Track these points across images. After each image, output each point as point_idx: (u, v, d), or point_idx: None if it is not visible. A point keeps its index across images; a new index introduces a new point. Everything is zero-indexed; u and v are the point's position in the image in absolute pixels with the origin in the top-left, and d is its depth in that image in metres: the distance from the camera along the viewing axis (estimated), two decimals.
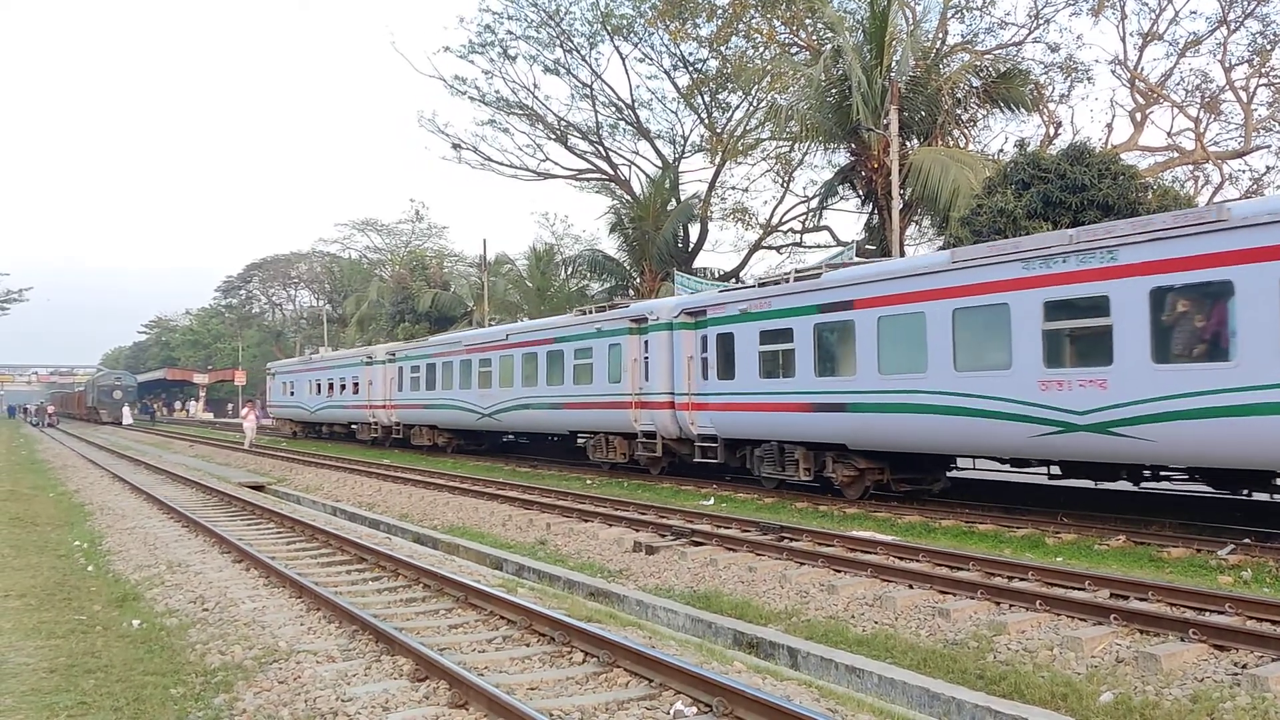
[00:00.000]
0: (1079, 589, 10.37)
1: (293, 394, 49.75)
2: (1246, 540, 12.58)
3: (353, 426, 43.97)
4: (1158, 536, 13.35)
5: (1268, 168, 36.29)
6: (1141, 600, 9.78)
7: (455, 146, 50.73)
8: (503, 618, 9.80)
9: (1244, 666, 7.80)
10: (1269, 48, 34.48)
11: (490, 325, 54.70)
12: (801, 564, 12.57)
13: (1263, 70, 35.07)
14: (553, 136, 49.45)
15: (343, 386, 42.55)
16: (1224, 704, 7.13)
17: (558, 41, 46.62)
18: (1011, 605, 9.99)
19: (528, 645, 8.91)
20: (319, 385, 45.83)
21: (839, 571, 12.04)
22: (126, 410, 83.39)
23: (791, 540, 13.97)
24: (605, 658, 8.12)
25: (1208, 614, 9.16)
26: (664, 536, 14.89)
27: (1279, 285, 11.54)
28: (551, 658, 8.48)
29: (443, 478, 24.86)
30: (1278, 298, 11.57)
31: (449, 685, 7.46)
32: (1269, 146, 36.04)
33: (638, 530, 15.74)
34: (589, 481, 24.02)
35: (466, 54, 47.58)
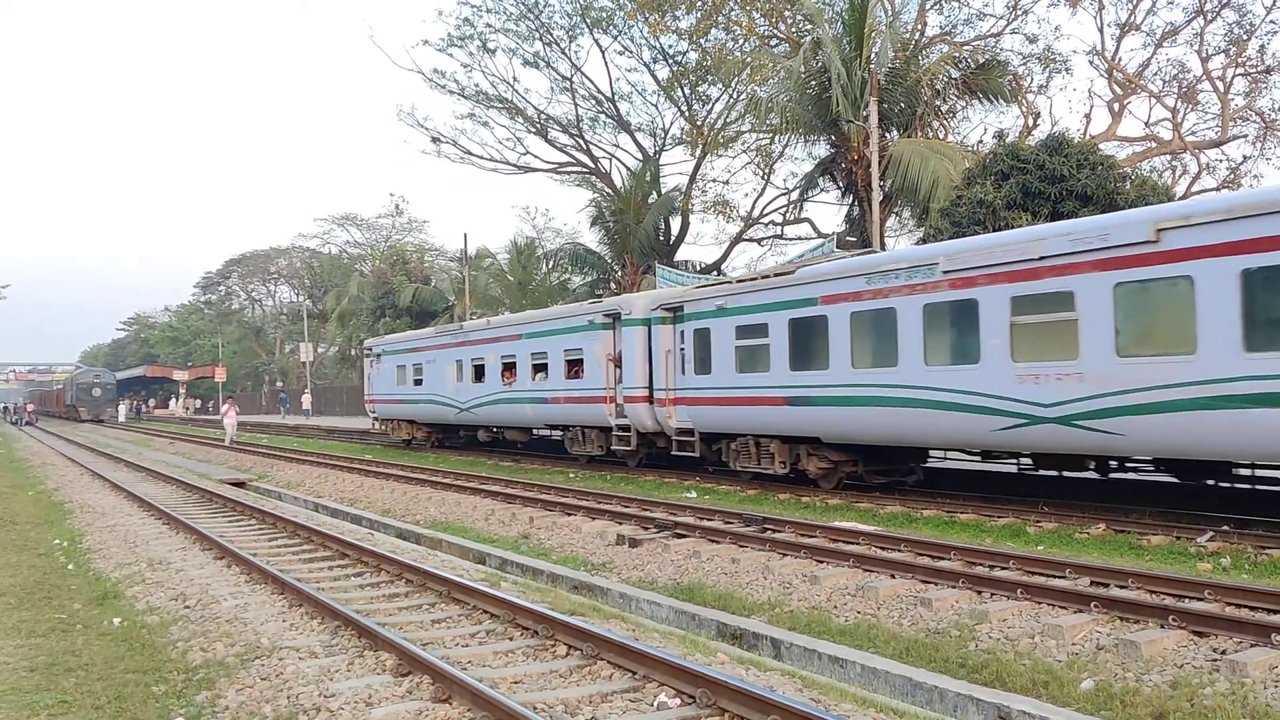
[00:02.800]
0: (1060, 577, 10.43)
1: (419, 382, 33.61)
2: (1225, 527, 12.68)
3: (561, 432, 27.23)
4: (1137, 525, 13.43)
5: (1244, 157, 36.55)
6: (1122, 588, 9.84)
7: (435, 140, 50.59)
8: (486, 612, 9.79)
9: (1223, 652, 7.86)
10: (1245, 38, 34.69)
11: (471, 319, 54.71)
12: (784, 555, 12.59)
13: (1239, 60, 35.28)
14: (533, 130, 49.36)
15: (540, 367, 26.68)
16: (1203, 690, 7.19)
17: (537, 35, 46.52)
18: (993, 594, 10.03)
19: (511, 639, 8.90)
20: (481, 367, 29.76)
21: (821, 562, 12.07)
22: (123, 408, 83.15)
23: (774, 532, 14.00)
24: (589, 651, 8.12)
25: (1187, 601, 9.22)
26: (647, 529, 14.90)
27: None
28: (535, 651, 8.48)
29: (425, 473, 24.80)
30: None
31: (432, 680, 7.44)
32: (1245, 136, 36.31)
33: (621, 523, 15.74)
34: (571, 475, 24.01)
35: (445, 47, 47.44)
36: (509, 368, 28.03)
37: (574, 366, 25.07)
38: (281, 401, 76.66)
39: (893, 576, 11.09)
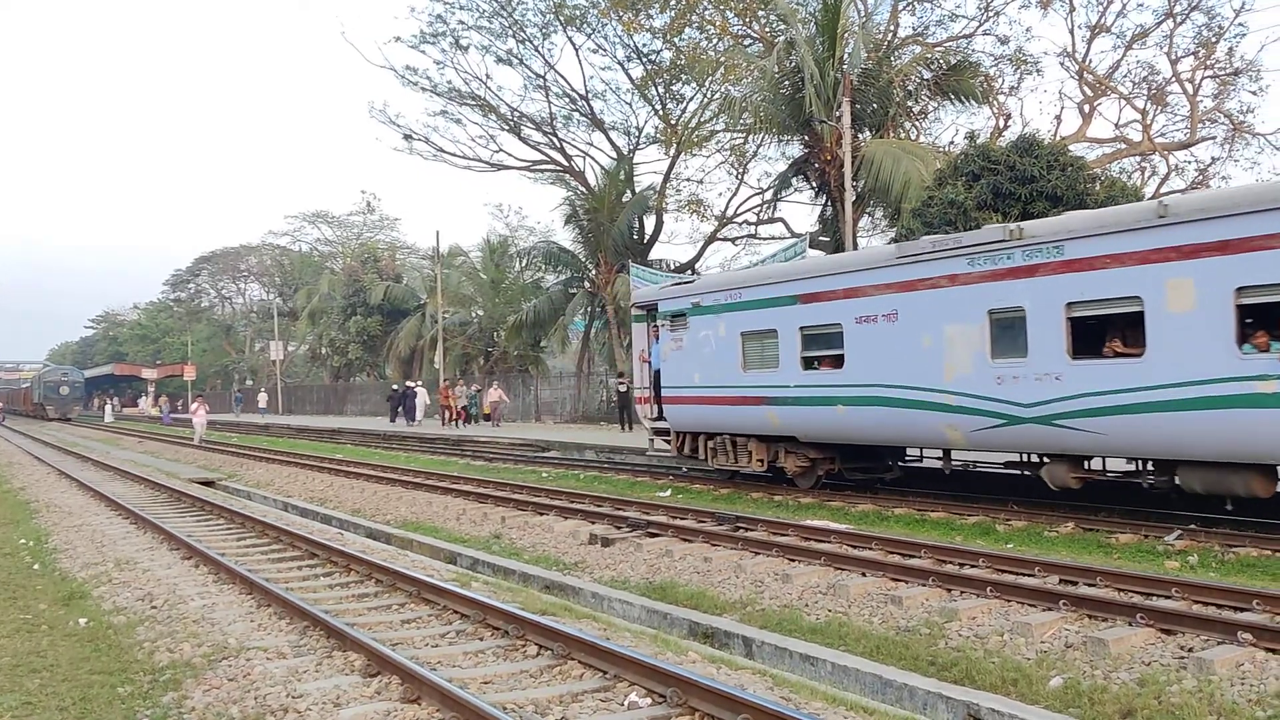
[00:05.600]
0: (1029, 575, 10.49)
1: (827, 362, 17.12)
2: (1192, 526, 12.79)
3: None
4: (1106, 523, 13.53)
5: (1213, 159, 36.85)
6: (1090, 586, 9.91)
7: (407, 137, 50.22)
8: (456, 612, 9.74)
9: (1190, 650, 7.93)
10: (1214, 40, 34.98)
11: (445, 319, 54.47)
12: (756, 554, 12.61)
13: (1208, 63, 35.58)
14: (506, 127, 49.11)
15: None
16: (1170, 687, 7.24)
17: (510, 32, 46.28)
18: (963, 592, 10.08)
19: (481, 639, 8.86)
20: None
21: (793, 560, 12.09)
22: (109, 407, 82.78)
23: (747, 530, 14.02)
24: (559, 650, 8.10)
25: (1155, 599, 9.30)
26: (620, 528, 14.88)
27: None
28: (505, 651, 8.45)
29: (396, 472, 24.69)
30: None
31: (401, 680, 7.40)
32: (1214, 138, 36.61)
33: (593, 522, 15.72)
34: (544, 475, 23.95)
35: (418, 44, 47.13)
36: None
37: None
38: (238, 401, 76.06)
39: (864, 575, 11.12)
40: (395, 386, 54.06)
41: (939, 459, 16.55)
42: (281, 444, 40.03)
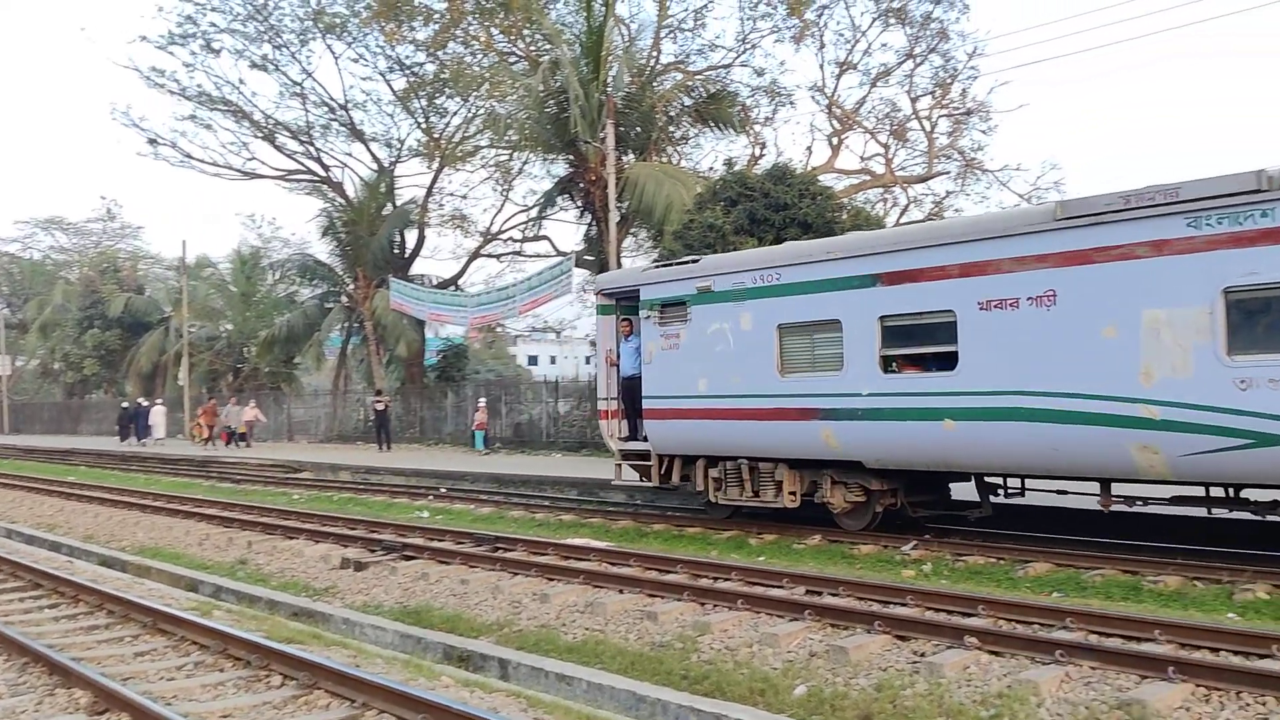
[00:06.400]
0: (778, 587, 10.83)
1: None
2: (927, 536, 13.56)
3: None
4: (850, 535, 14.16)
5: (947, 192, 39.42)
6: (834, 595, 10.32)
7: (152, 142, 47.56)
8: (195, 643, 9.19)
9: (923, 654, 8.36)
10: (949, 81, 37.52)
11: (191, 333, 51.78)
12: (515, 574, 12.52)
13: (944, 102, 38.10)
14: (260, 135, 47.23)
15: None
16: (905, 691, 7.61)
17: (266, 37, 44.62)
18: (716, 605, 10.30)
19: (222, 670, 8.39)
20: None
21: (552, 580, 12.06)
22: None
23: (506, 551, 13.89)
24: (306, 679, 7.76)
25: (892, 606, 9.76)
26: (374, 551, 14.47)
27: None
28: (248, 682, 8.03)
29: (134, 495, 23.19)
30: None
31: (131, 718, 6.91)
32: (948, 173, 39.17)
33: (346, 546, 15.22)
34: (296, 496, 23.08)
35: (165, 45, 44.72)
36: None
37: None
38: None
39: (621, 592, 11.21)
40: (125, 404, 51.00)
41: (1058, 491, 13.22)
42: (5, 466, 36.90)
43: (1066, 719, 6.91)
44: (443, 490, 21.97)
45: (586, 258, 36.20)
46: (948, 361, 12.49)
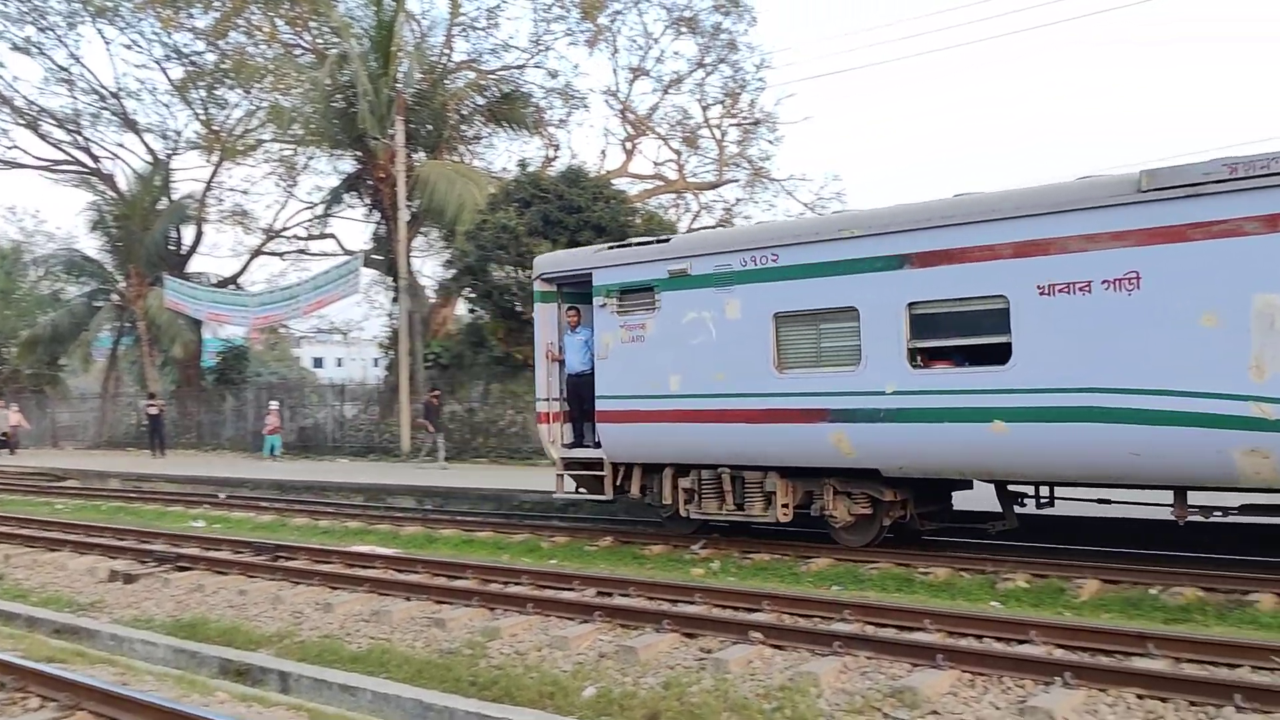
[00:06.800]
0: (568, 589, 10.82)
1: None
2: (715, 535, 13.81)
3: None
4: (642, 535, 14.29)
5: (737, 199, 40.43)
6: (624, 596, 10.37)
7: None
8: None
9: (709, 651, 8.48)
10: (738, 91, 38.50)
11: None
12: (297, 583, 12.06)
13: (733, 111, 39.07)
14: (22, 122, 44.05)
15: None
16: (691, 688, 7.70)
17: (29, 18, 41.67)
18: (505, 610, 10.18)
19: None
20: None
21: (336, 588, 11.68)
22: None
23: (287, 559, 13.38)
24: (67, 700, 7.26)
25: (680, 605, 9.88)
26: (145, 563, 13.66)
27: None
28: (2, 706, 7.42)
29: None
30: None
31: None
32: (738, 180, 40.18)
33: (115, 557, 14.32)
34: (59, 506, 21.60)
35: None
36: None
37: None
38: None
39: (408, 599, 10.95)
40: None
41: (1098, 500, 11.77)
42: None
43: (844, 708, 7.13)
44: (221, 497, 21.00)
45: (375, 257, 35.41)
46: (997, 354, 10.82)
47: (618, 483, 13.97)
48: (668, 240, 13.93)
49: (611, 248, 14.66)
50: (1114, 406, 10.05)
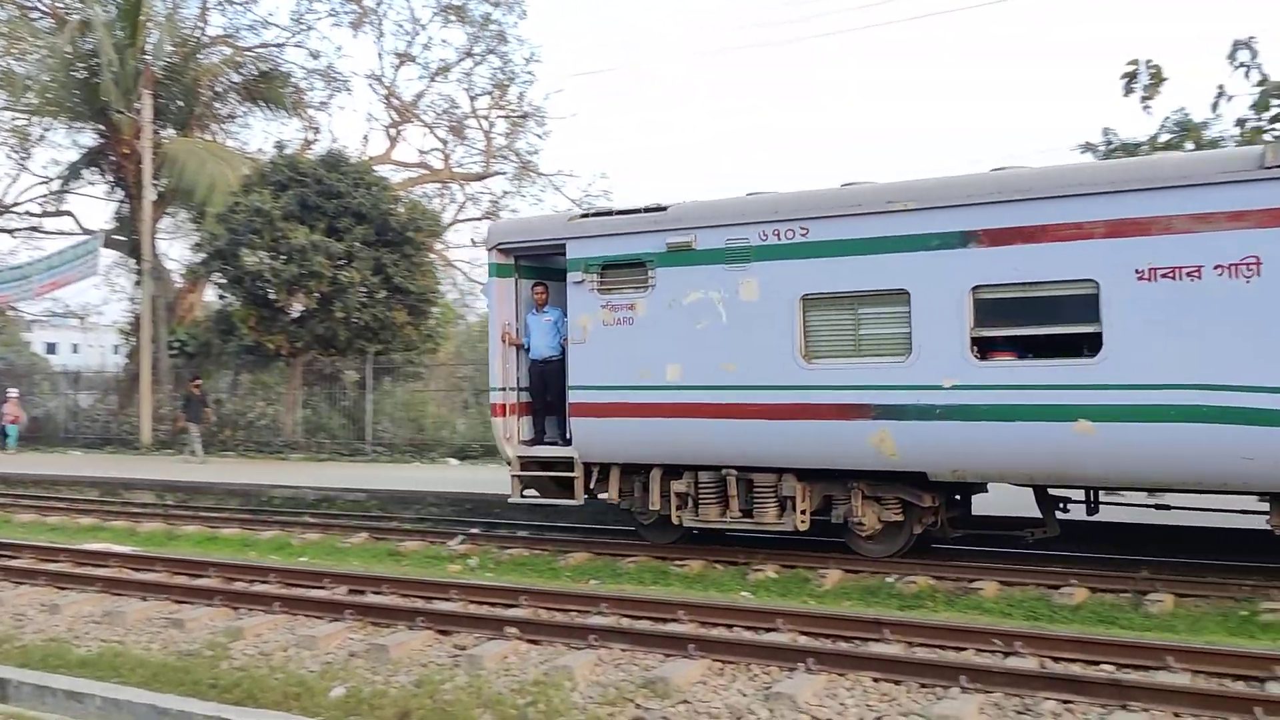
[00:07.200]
0: (319, 588, 10.52)
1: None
2: (475, 530, 13.73)
3: None
4: (397, 532, 14.04)
5: (504, 192, 40.16)
6: (377, 594, 10.18)
7: None
8: None
9: (464, 648, 8.41)
10: (507, 83, 38.27)
11: None
12: (20, 583, 11.25)
13: (501, 103, 38.82)
14: None
15: None
16: (445, 685, 7.62)
17: None
18: (250, 609, 9.81)
19: None
20: None
21: (64, 589, 10.96)
22: None
23: (10, 558, 12.42)
24: None
25: (436, 602, 9.77)
26: None
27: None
28: None
29: None
30: None
31: None
32: (505, 173, 39.94)
33: None
34: None
35: None
36: None
37: None
38: None
39: (144, 599, 10.39)
40: None
41: (1145, 504, 11.37)
42: None
43: (597, 700, 7.22)
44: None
45: (117, 238, 33.33)
46: (1084, 346, 9.73)
47: (592, 484, 12.28)
48: (664, 208, 11.86)
49: (590, 215, 12.72)
50: (1225, 405, 9.03)
